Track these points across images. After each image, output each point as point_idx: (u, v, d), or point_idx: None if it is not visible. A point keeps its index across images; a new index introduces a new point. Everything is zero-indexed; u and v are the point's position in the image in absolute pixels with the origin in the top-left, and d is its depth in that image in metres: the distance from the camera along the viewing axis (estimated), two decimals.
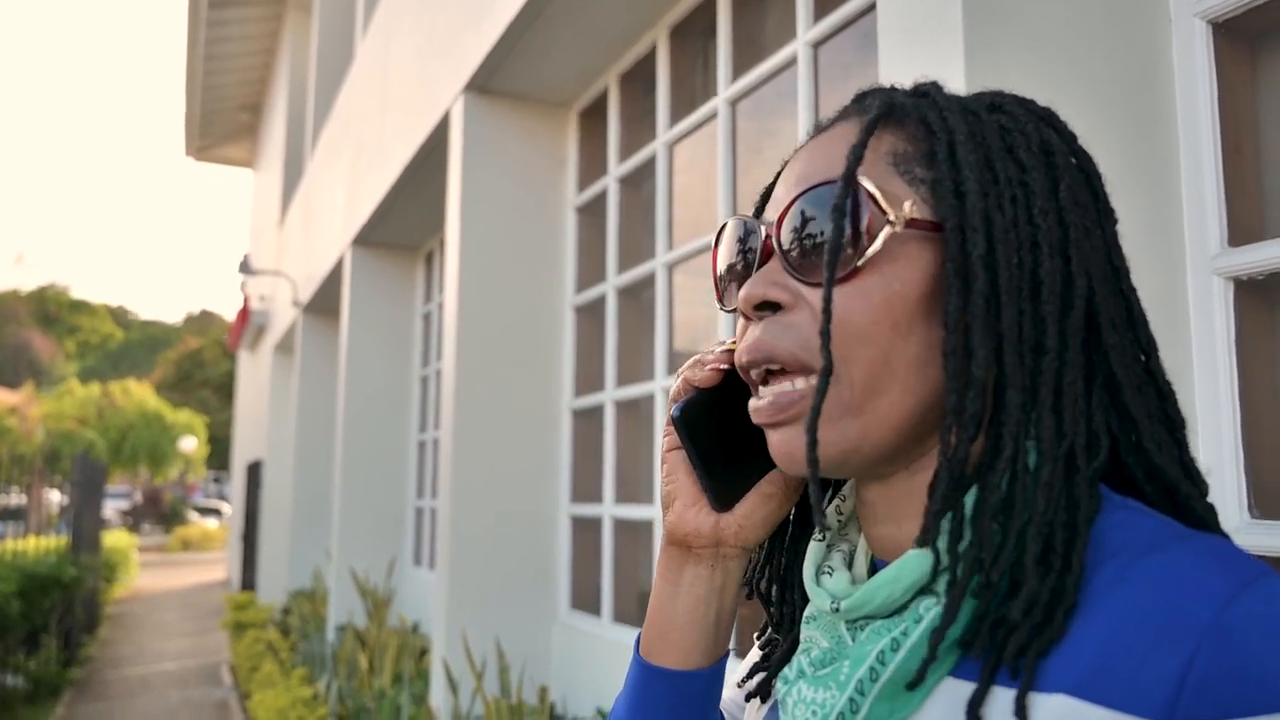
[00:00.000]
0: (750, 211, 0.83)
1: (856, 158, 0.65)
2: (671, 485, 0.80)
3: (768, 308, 0.69)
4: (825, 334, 0.63)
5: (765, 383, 0.70)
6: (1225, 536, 0.66)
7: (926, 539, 0.63)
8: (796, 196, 0.68)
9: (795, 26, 3.45)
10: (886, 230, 0.64)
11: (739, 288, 0.73)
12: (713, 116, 4.04)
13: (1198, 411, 1.67)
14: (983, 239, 0.64)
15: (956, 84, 1.63)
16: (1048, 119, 0.72)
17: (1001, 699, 0.60)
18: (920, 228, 0.66)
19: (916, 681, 0.62)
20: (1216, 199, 1.70)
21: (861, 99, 0.76)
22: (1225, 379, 1.64)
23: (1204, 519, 0.67)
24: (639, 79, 4.79)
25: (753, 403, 0.70)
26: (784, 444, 0.68)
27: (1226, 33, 1.74)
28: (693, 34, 4.33)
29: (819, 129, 0.75)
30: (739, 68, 3.89)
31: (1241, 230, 1.69)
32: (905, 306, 0.65)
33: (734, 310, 0.74)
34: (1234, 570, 0.56)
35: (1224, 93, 1.73)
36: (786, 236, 0.68)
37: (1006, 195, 0.66)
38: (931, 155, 0.67)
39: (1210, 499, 0.70)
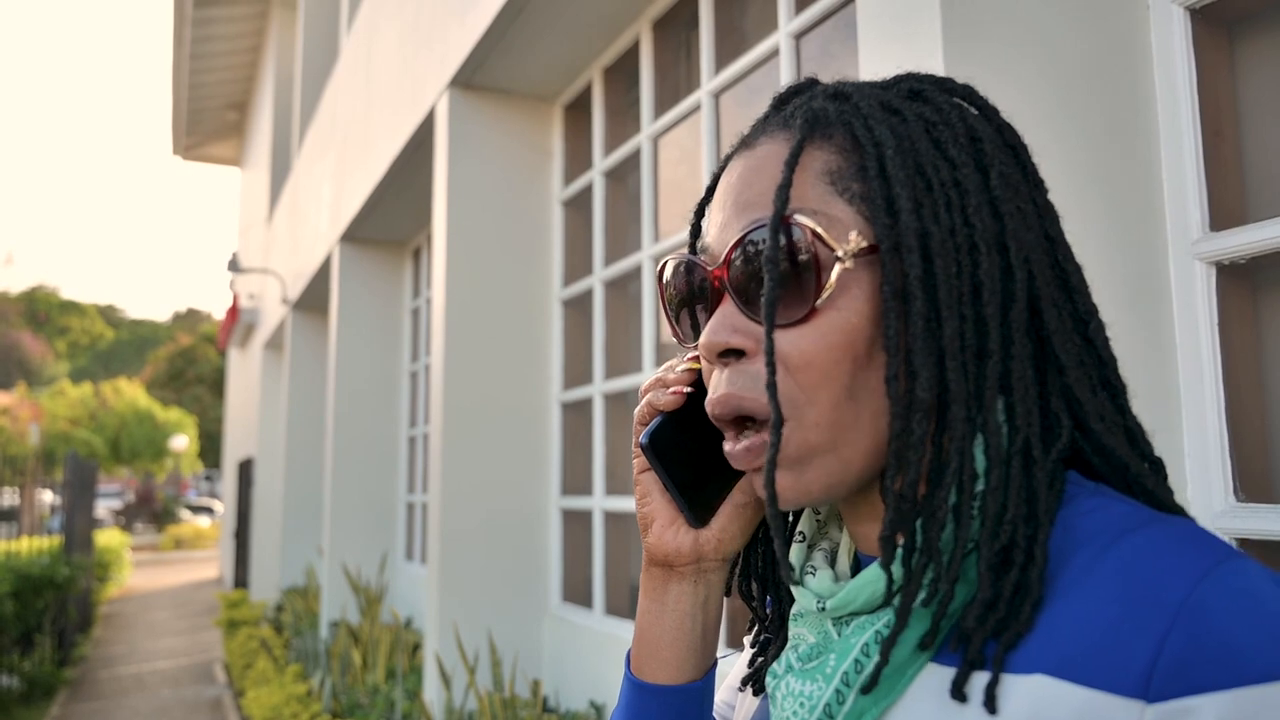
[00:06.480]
0: (689, 220, 0.84)
1: (783, 200, 0.65)
2: (647, 508, 0.80)
3: (730, 354, 0.69)
4: (771, 386, 0.64)
5: (738, 429, 0.70)
6: (1187, 515, 0.67)
7: (885, 564, 0.64)
8: (739, 239, 0.68)
9: (777, 18, 3.45)
10: (838, 268, 0.64)
11: (692, 323, 0.74)
12: (696, 109, 4.04)
13: (1181, 396, 1.67)
14: (918, 258, 0.64)
15: (935, 73, 1.63)
16: (967, 97, 0.72)
17: (981, 682, 0.61)
18: (865, 254, 0.65)
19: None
20: (1197, 184, 1.70)
21: (781, 105, 0.75)
22: (1209, 364, 1.64)
23: (1155, 495, 0.68)
24: (623, 72, 4.79)
25: (727, 446, 0.71)
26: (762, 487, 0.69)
27: (1204, 19, 1.75)
28: (675, 26, 4.33)
29: (745, 143, 0.74)
30: (722, 60, 3.88)
31: (1223, 214, 1.69)
32: (863, 336, 0.65)
33: (694, 346, 0.75)
34: (1204, 551, 0.57)
35: (1203, 78, 1.73)
36: (736, 278, 0.68)
37: (941, 202, 0.65)
38: (864, 169, 0.67)
39: (1161, 473, 0.71)
